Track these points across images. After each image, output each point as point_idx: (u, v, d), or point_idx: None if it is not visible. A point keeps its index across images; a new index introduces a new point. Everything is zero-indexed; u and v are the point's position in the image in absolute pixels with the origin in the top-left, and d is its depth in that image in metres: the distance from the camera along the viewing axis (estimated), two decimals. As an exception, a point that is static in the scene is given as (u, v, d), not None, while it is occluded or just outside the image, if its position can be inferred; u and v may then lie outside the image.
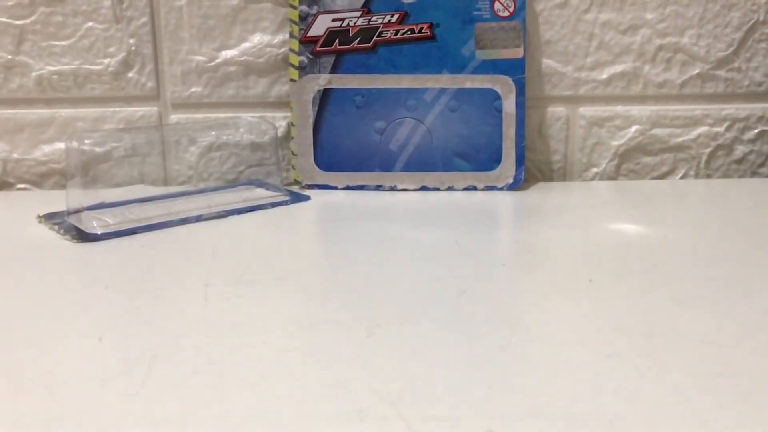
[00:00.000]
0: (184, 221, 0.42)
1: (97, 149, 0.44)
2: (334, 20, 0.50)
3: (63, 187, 0.52)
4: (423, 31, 0.50)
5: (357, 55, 0.50)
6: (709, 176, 0.55)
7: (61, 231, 0.41)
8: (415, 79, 0.50)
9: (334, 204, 0.48)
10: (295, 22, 0.50)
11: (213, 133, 0.52)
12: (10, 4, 0.51)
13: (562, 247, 0.38)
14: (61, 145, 0.53)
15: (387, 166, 0.51)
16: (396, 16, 0.49)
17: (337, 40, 0.50)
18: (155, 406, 0.22)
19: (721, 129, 0.54)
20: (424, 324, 0.28)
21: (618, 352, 0.25)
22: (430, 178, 0.51)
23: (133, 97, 0.53)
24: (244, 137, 0.52)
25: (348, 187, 0.51)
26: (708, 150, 0.54)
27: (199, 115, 0.53)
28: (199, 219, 0.43)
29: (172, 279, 0.34)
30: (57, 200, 0.44)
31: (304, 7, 0.50)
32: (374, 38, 0.50)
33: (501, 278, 0.33)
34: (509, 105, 0.50)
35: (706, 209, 0.46)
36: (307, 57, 0.50)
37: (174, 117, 0.53)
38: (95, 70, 0.52)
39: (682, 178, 0.55)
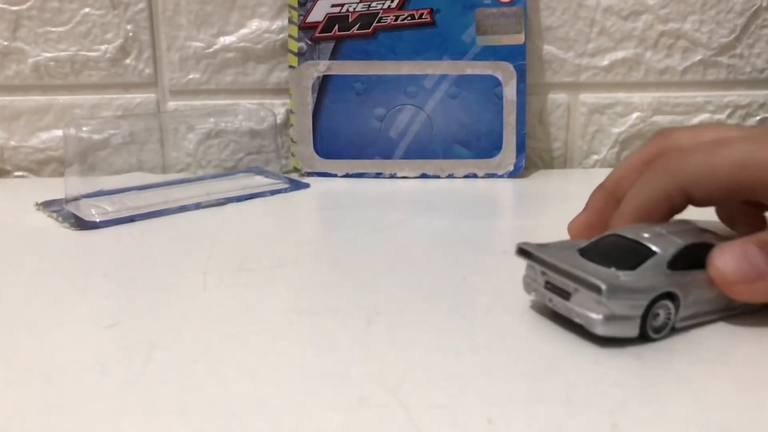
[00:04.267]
0: (183, 209, 0.42)
1: (95, 136, 0.44)
2: (333, 6, 0.49)
3: (61, 174, 0.51)
4: (423, 16, 0.49)
5: (356, 41, 0.49)
6: (710, 163, 0.54)
7: (60, 218, 0.40)
8: (415, 66, 0.50)
9: (333, 191, 0.48)
10: (294, 8, 0.50)
11: (211, 120, 0.52)
12: (5, -11, 0.50)
13: (562, 234, 0.37)
14: (59, 133, 0.53)
15: (387, 154, 0.51)
16: (396, 2, 0.49)
17: (336, 26, 0.49)
18: (154, 394, 0.22)
19: (722, 116, 0.54)
20: (424, 312, 0.28)
21: (618, 341, 0.25)
22: (430, 165, 0.51)
23: (131, 84, 0.53)
24: (243, 124, 0.52)
25: (348, 175, 0.51)
26: (709, 137, 0.54)
27: (197, 102, 0.53)
28: (197, 207, 0.43)
29: (170, 267, 0.33)
30: (55, 188, 0.44)
31: (302, -7, 0.49)
32: (374, 24, 0.49)
33: (501, 266, 0.33)
34: (510, 92, 0.50)
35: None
36: (306, 43, 0.50)
37: (172, 104, 0.53)
38: (92, 56, 0.52)
39: (683, 165, 0.55)
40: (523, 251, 0.28)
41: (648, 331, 0.25)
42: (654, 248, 0.26)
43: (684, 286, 0.25)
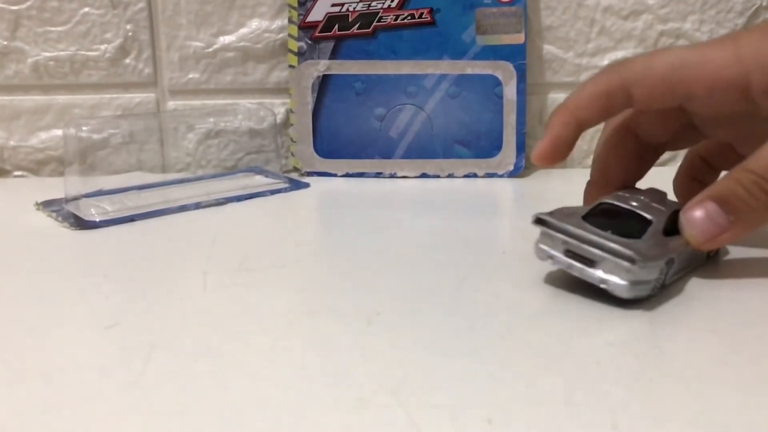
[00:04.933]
0: (183, 209, 0.42)
1: (95, 136, 0.43)
2: (333, 5, 0.49)
3: (61, 174, 0.51)
4: (423, 16, 0.49)
5: (356, 40, 0.49)
6: (710, 163, 0.54)
7: (60, 218, 0.40)
8: (415, 65, 0.50)
9: (333, 191, 0.48)
10: (293, 8, 0.50)
11: (211, 119, 0.52)
12: (5, -11, 0.50)
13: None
14: (59, 132, 0.52)
15: (387, 153, 0.51)
16: (396, 1, 0.49)
17: (336, 26, 0.49)
18: (154, 395, 0.22)
19: (722, 115, 0.54)
20: (425, 312, 0.28)
21: (618, 340, 0.25)
22: (430, 165, 0.51)
23: (131, 84, 0.52)
24: (243, 124, 0.51)
25: (348, 175, 0.51)
26: (709, 137, 0.54)
27: (196, 102, 0.53)
28: (197, 206, 0.43)
29: (170, 267, 0.33)
30: (55, 187, 0.44)
31: (302, -8, 0.49)
32: (374, 24, 0.49)
33: (501, 266, 0.33)
34: (510, 91, 0.50)
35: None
36: (306, 43, 0.50)
37: (172, 104, 0.53)
38: (92, 56, 0.52)
39: (683, 165, 0.55)
40: (542, 221, 0.30)
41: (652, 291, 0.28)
42: (648, 216, 0.29)
43: (675, 249, 0.29)
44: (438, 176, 0.50)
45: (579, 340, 0.25)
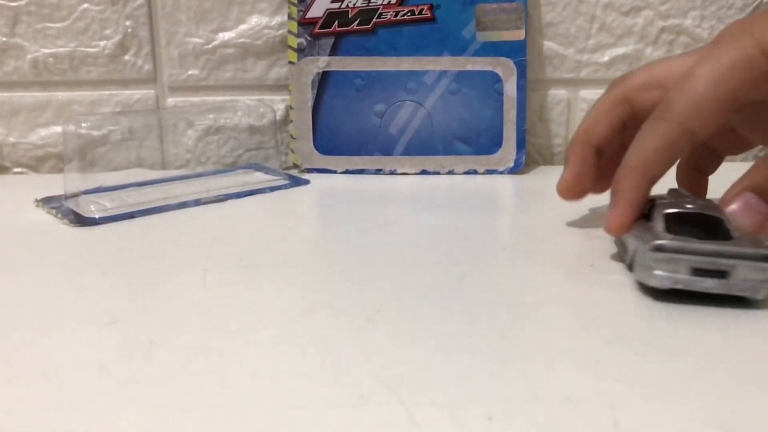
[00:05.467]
0: (183, 205, 0.42)
1: (94, 133, 0.43)
2: (333, 1, 0.49)
3: (60, 170, 0.51)
4: (423, 12, 0.49)
5: (356, 37, 0.49)
6: (710, 160, 0.54)
7: (59, 215, 0.40)
8: (415, 62, 0.50)
9: (333, 188, 0.47)
10: (293, 4, 0.49)
11: (211, 116, 0.52)
12: (4, -15, 0.50)
13: (562, 231, 0.37)
14: (58, 129, 0.52)
15: (387, 150, 0.51)
16: (396, -2, 0.49)
17: (336, 22, 0.49)
18: (153, 391, 0.22)
19: (723, 112, 0.54)
20: (425, 309, 0.28)
21: (618, 338, 0.25)
22: (430, 161, 0.50)
23: (130, 80, 0.52)
24: (243, 120, 0.51)
25: (347, 171, 0.51)
26: (710, 133, 0.54)
27: (196, 98, 0.53)
28: (197, 203, 0.43)
29: (170, 264, 0.33)
30: (54, 184, 0.44)
31: (302, -11, 0.49)
32: (374, 20, 0.49)
33: (501, 263, 0.33)
34: (510, 88, 0.50)
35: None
36: (306, 39, 0.50)
37: (171, 100, 0.53)
38: (91, 52, 0.52)
39: (683, 161, 0.55)
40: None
41: None
42: (717, 215, 0.29)
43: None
44: (438, 173, 0.50)
45: (579, 337, 0.25)
